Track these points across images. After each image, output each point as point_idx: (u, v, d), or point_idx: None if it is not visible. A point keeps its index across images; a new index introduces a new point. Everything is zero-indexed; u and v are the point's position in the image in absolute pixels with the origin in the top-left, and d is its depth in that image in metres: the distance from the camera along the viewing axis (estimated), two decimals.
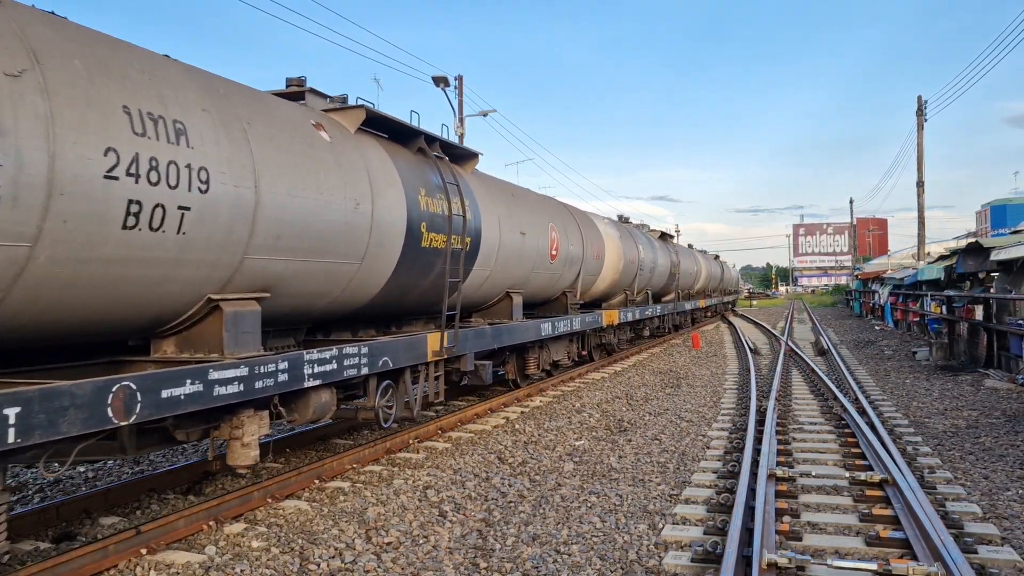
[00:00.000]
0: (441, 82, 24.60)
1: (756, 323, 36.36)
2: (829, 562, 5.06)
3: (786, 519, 6.11)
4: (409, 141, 8.96)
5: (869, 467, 7.67)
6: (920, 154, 34.47)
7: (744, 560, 5.10)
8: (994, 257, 15.56)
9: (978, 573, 4.89)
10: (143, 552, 5.39)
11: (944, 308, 20.86)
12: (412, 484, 7.34)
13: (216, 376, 5.46)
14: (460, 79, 25.69)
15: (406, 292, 8.60)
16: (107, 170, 4.58)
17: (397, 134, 8.79)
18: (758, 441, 8.64)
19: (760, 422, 9.73)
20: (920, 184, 34.69)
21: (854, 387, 13.30)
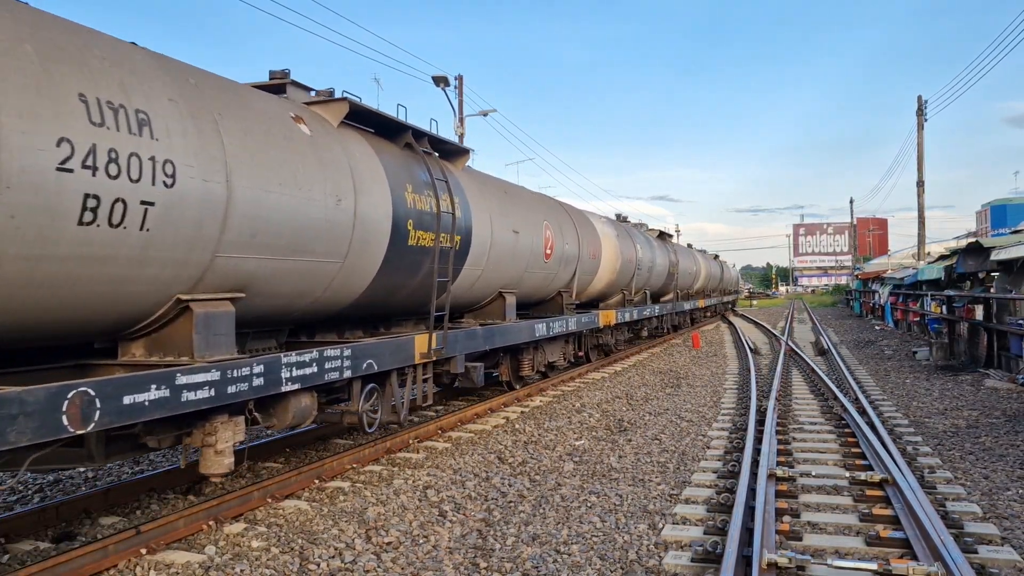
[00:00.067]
0: (441, 82, 24.62)
1: (756, 323, 36.36)
2: (829, 562, 5.06)
3: (786, 519, 6.11)
4: (396, 136, 8.68)
5: (869, 467, 7.67)
6: (920, 154, 34.50)
7: (744, 560, 5.09)
8: (994, 257, 15.57)
9: (978, 573, 4.88)
10: (143, 552, 5.38)
11: (944, 308, 20.87)
12: (412, 484, 7.34)
13: (185, 380, 5.19)
14: (460, 79, 25.70)
15: (393, 292, 8.38)
16: (60, 162, 4.31)
17: (383, 128, 8.51)
18: (758, 441, 8.64)
19: (760, 422, 9.73)
20: (920, 184, 34.72)
21: (854, 387, 13.29)
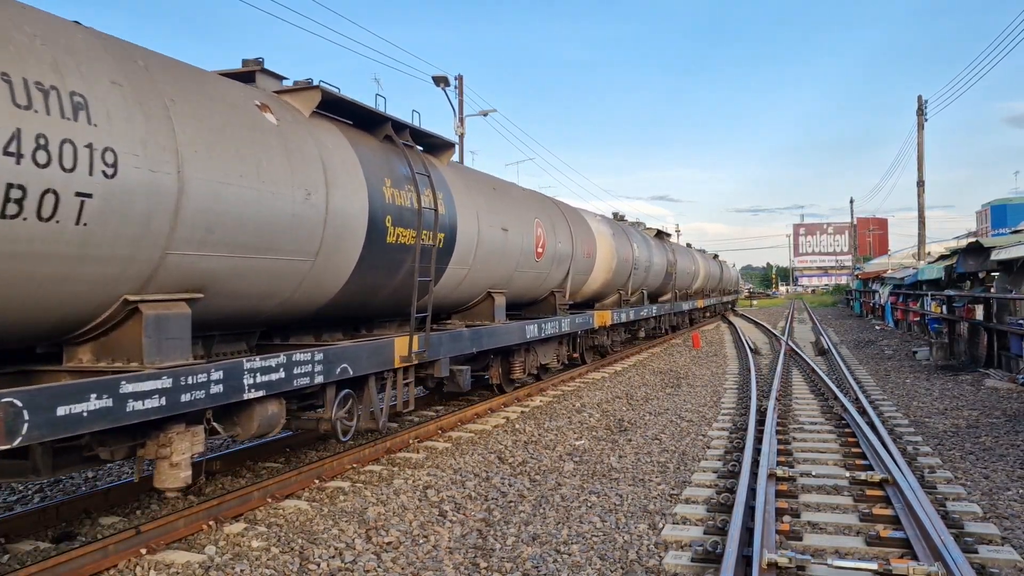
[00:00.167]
0: (441, 82, 24.63)
1: (756, 323, 36.37)
2: (829, 562, 5.06)
3: (786, 519, 6.11)
4: (375, 128, 8.21)
5: (869, 467, 7.67)
6: (920, 154, 34.49)
7: (744, 560, 5.09)
8: (994, 257, 15.57)
9: (978, 573, 4.88)
10: (143, 552, 5.38)
11: (944, 308, 20.87)
12: (412, 484, 7.34)
13: (131, 389, 4.77)
14: (460, 79, 25.70)
15: (372, 293, 8.01)
16: None
17: (361, 120, 8.05)
18: (758, 441, 8.64)
19: (760, 422, 9.73)
20: (920, 184, 34.71)
21: (854, 387, 13.29)
